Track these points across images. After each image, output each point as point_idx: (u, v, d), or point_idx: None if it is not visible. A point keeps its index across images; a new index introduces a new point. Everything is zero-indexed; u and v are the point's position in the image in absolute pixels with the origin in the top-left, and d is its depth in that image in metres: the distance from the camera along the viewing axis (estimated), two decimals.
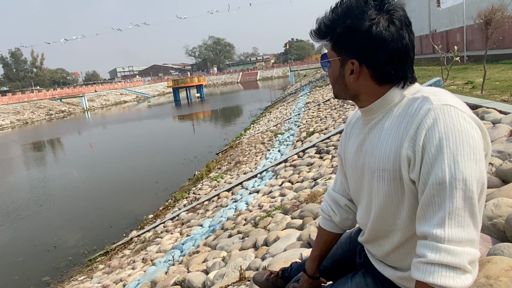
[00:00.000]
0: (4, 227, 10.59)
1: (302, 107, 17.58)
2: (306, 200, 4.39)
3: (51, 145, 27.64)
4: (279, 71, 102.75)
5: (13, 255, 8.71)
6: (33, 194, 13.84)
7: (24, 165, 20.57)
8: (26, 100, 57.35)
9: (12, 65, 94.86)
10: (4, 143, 31.46)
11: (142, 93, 79.53)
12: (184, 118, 34.76)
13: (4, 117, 47.35)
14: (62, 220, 10.90)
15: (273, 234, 3.61)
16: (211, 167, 12.24)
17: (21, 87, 78.85)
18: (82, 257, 8.05)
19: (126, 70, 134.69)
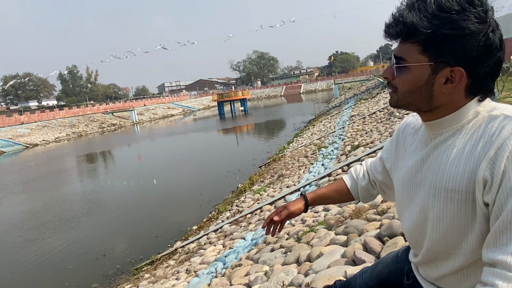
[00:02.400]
0: (57, 235, 11.16)
1: (346, 120, 17.29)
2: (350, 215, 4.27)
3: (103, 157, 29.00)
4: (323, 84, 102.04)
5: (64, 262, 9.14)
6: (84, 204, 14.53)
7: (77, 176, 21.69)
8: (81, 114, 60.85)
9: (69, 81, 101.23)
10: (60, 154, 33.42)
11: (188, 107, 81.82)
12: (228, 131, 35.29)
13: (61, 130, 50.42)
14: (111, 229, 11.34)
15: (317, 250, 3.54)
16: (254, 180, 12.28)
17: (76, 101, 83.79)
18: (129, 266, 8.29)
19: (174, 85, 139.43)
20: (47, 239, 10.84)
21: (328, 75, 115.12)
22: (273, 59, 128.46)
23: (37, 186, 19.19)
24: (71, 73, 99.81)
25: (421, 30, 0.92)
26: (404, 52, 0.98)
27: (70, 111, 61.24)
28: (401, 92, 1.01)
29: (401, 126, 1.28)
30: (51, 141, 45.04)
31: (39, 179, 21.15)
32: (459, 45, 0.90)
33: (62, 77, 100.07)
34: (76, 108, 64.43)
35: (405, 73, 0.99)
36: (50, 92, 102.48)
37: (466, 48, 0.90)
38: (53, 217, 12.84)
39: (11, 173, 24.74)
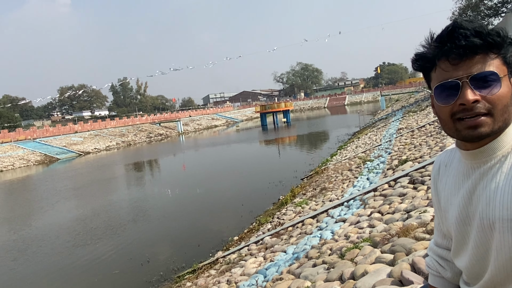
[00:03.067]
0: (104, 241, 11.59)
1: (393, 133, 16.76)
2: (397, 233, 4.09)
3: (149, 166, 29.99)
4: (368, 96, 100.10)
5: (110, 267, 9.45)
6: (130, 211, 15.03)
7: (125, 184, 22.53)
8: (130, 124, 63.52)
9: (120, 92, 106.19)
10: (110, 162, 34.95)
11: (232, 118, 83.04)
12: (270, 142, 35.35)
13: (111, 139, 52.81)
14: (155, 236, 11.62)
15: (361, 268, 3.41)
16: (295, 192, 12.15)
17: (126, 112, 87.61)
18: (172, 273, 8.43)
19: (218, 96, 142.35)
20: (94, 244, 11.29)
21: (374, 87, 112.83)
22: (317, 70, 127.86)
23: (87, 192, 20.13)
24: (122, 85, 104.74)
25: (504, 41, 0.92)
26: (493, 66, 0.93)
27: (120, 121, 64.15)
28: (499, 110, 0.93)
29: (434, 170, 1.20)
30: (102, 150, 47.25)
31: (89, 186, 22.19)
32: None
33: (114, 89, 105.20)
34: (126, 118, 67.41)
35: (499, 88, 0.93)
36: (103, 103, 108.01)
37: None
38: (101, 223, 13.37)
39: (64, 179, 26.16)
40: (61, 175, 29.09)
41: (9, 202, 21.07)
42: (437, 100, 0.99)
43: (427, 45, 1.01)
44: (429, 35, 1.00)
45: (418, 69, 1.04)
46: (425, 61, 1.00)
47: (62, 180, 26.02)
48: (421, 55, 1.01)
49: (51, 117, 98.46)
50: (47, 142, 45.76)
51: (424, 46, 1.01)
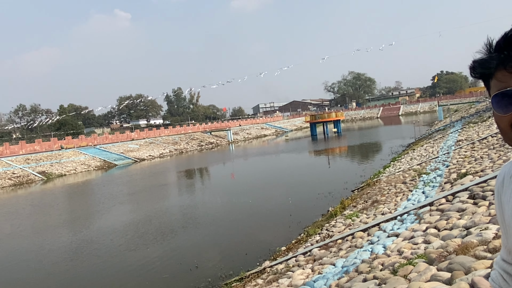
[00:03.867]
0: (155, 246, 11.97)
1: (452, 145, 15.91)
2: (455, 251, 3.84)
3: (200, 173, 30.72)
4: (425, 106, 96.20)
5: (160, 271, 9.73)
6: (181, 217, 15.43)
7: (176, 191, 23.22)
8: (183, 132, 65.64)
9: (174, 102, 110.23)
10: (163, 169, 36.25)
11: (281, 128, 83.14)
12: (319, 152, 34.91)
13: (165, 146, 54.82)
14: (204, 242, 11.82)
15: (415, 285, 3.23)
16: (345, 204, 11.86)
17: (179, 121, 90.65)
18: (219, 280, 8.51)
19: (268, 106, 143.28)
20: (146, 248, 11.69)
21: (431, 96, 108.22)
22: (370, 79, 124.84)
23: (140, 198, 20.97)
24: (176, 95, 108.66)
25: None
26: None
27: (174, 129, 66.51)
28: None
29: (498, 182, 1.12)
30: (156, 157, 49.15)
31: (143, 191, 23.12)
32: None
33: (168, 99, 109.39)
34: (179, 127, 69.73)
35: None
36: (158, 112, 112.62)
37: None
38: (152, 228, 13.84)
39: (120, 185, 27.49)
40: (118, 181, 30.60)
41: (70, 205, 22.47)
42: (495, 109, 0.94)
43: (485, 52, 0.96)
44: (487, 41, 0.95)
45: (476, 77, 1.00)
46: (483, 68, 0.96)
47: (118, 185, 27.35)
48: (478, 62, 0.97)
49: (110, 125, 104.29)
50: (106, 148, 48.42)
51: (482, 53, 0.97)
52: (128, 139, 56.11)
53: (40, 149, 44.79)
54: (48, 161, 40.21)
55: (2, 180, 33.25)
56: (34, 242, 14.02)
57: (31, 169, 36.91)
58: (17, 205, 23.41)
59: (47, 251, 12.60)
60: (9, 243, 14.32)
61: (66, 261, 11.38)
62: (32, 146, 45.08)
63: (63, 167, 39.16)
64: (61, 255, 11.93)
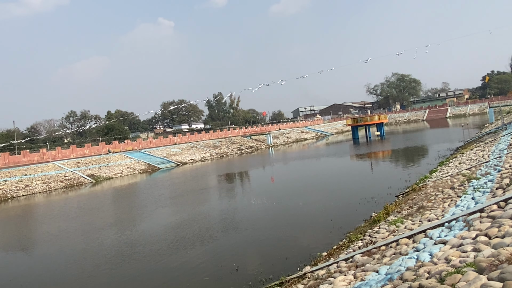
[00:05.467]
0: (196, 249, 12.17)
1: (504, 149, 15.05)
2: (508, 260, 3.63)
3: (240, 177, 30.98)
4: (474, 108, 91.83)
5: (201, 274, 9.87)
6: (221, 221, 15.60)
7: (217, 194, 23.54)
8: (223, 136, 66.63)
9: (215, 107, 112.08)
10: (204, 173, 36.91)
11: (321, 131, 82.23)
12: (362, 157, 34.18)
13: (206, 150, 55.83)
14: (244, 246, 11.89)
15: None
16: (389, 209, 11.52)
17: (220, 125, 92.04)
18: (260, 284, 8.52)
19: (308, 110, 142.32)
20: (187, 251, 11.92)
21: (481, 98, 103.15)
22: (415, 81, 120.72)
23: (182, 201, 21.45)
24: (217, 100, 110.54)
25: None
26: None
27: (214, 133, 67.67)
28: None
29: None
30: (197, 160, 50.17)
31: (184, 195, 23.64)
32: None
33: (209, 103, 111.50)
34: (219, 131, 70.86)
35: None
36: (199, 117, 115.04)
37: None
38: (193, 231, 14.10)
39: (162, 188, 28.28)
40: (161, 184, 31.51)
41: (116, 207, 23.40)
42: None
43: None
44: None
45: None
46: None
47: (161, 188, 28.16)
48: None
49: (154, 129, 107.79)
50: (150, 152, 50.04)
51: None
52: (171, 143, 57.70)
53: (89, 153, 47.08)
54: (97, 164, 42.15)
55: (54, 183, 35.23)
56: (83, 242, 14.71)
57: (81, 172, 38.86)
58: (67, 206, 24.71)
59: (91, 252, 13.17)
60: (61, 242, 15.12)
61: (109, 262, 11.81)
62: (82, 150, 47.49)
63: (110, 171, 40.89)
64: (104, 256, 12.41)
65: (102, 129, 65.04)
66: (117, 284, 10.13)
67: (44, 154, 43.07)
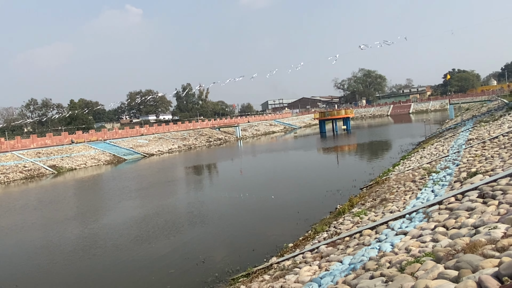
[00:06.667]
0: (161, 241, 12.06)
1: (462, 144, 15.76)
2: (463, 249, 3.83)
3: (208, 169, 30.83)
4: (436, 104, 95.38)
5: (167, 266, 9.78)
6: (187, 213, 15.50)
7: (184, 187, 23.35)
8: (192, 128, 65.92)
9: (183, 98, 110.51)
10: (171, 165, 36.45)
11: (290, 125, 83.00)
12: (328, 150, 34.80)
13: (173, 142, 55.08)
14: (211, 238, 11.89)
15: (422, 283, 3.23)
16: (354, 202, 11.83)
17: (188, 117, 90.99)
18: (226, 275, 8.57)
19: (277, 103, 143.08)
20: (153, 243, 11.79)
21: (442, 95, 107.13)
22: (381, 77, 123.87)
23: (148, 193, 21.13)
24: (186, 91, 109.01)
25: None
26: None
27: (183, 125, 66.80)
28: None
29: None
30: (164, 152, 49.43)
31: (151, 187, 23.29)
32: None
33: (178, 94, 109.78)
34: (188, 122, 70.04)
35: None
36: (167, 108, 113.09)
37: None
38: (160, 224, 13.94)
39: (128, 180, 27.71)
40: (127, 175, 30.86)
41: (79, 199, 22.73)
42: None
43: None
44: None
45: None
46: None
47: (127, 180, 27.58)
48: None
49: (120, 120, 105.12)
50: (116, 143, 48.82)
51: None
52: (138, 134, 56.50)
53: (51, 143, 45.34)
54: (59, 155, 40.69)
55: (13, 174, 33.75)
56: (41, 236, 14.23)
57: (42, 162, 37.40)
58: (26, 198, 23.76)
59: (54, 245, 12.77)
60: (17, 237, 14.54)
61: (68, 258, 11.49)
62: (43, 140, 45.67)
63: (74, 161, 39.60)
64: (63, 252, 12.04)
65: (65, 118, 62.72)
66: (76, 280, 9.81)
67: (2, 143, 41.08)
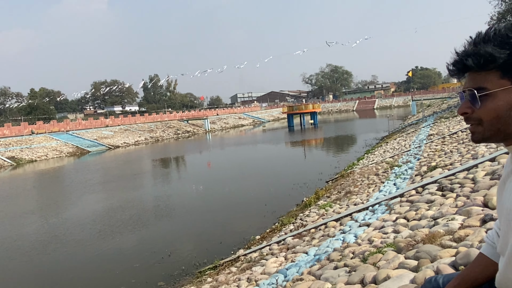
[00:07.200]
0: (126, 235, 11.83)
1: (423, 139, 16.35)
2: (423, 240, 3.99)
3: (176, 162, 30.47)
4: (399, 100, 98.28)
5: (131, 260, 9.60)
6: (154, 206, 15.28)
7: (150, 180, 22.97)
8: (159, 120, 64.74)
9: (150, 89, 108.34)
10: (138, 157, 35.74)
11: (258, 118, 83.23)
12: (296, 144, 35.21)
13: (140, 134, 53.97)
14: (178, 232, 11.79)
15: (383, 272, 3.35)
16: (320, 194, 12.06)
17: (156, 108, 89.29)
18: (193, 268, 8.53)
19: (246, 96, 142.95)
20: (117, 237, 11.54)
21: (405, 91, 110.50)
22: (347, 73, 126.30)
23: (113, 186, 20.64)
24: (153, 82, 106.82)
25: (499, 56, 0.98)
26: (483, 81, 1.01)
27: (150, 117, 65.48)
28: (488, 121, 1.02)
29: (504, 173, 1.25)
30: (131, 144, 48.36)
31: (116, 180, 22.76)
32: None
33: (145, 85, 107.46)
34: (155, 114, 68.71)
35: (489, 101, 1.01)
36: (133, 99, 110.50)
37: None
38: (125, 217, 13.66)
39: (93, 172, 26.95)
40: (90, 168, 29.99)
41: (40, 192, 21.90)
42: None
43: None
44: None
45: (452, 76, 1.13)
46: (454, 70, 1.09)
47: (91, 172, 26.81)
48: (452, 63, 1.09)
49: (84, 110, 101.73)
50: (79, 134, 47.26)
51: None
52: (102, 126, 54.89)
53: (10, 134, 43.26)
54: (18, 146, 38.95)
55: None
56: None
57: None
58: None
59: (10, 241, 12.25)
60: None
61: (31, 251, 11.07)
62: (1, 131, 43.50)
63: (34, 153, 38.02)
64: (25, 245, 11.57)
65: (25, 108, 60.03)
66: (35, 276, 9.46)
67: None
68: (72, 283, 8.87)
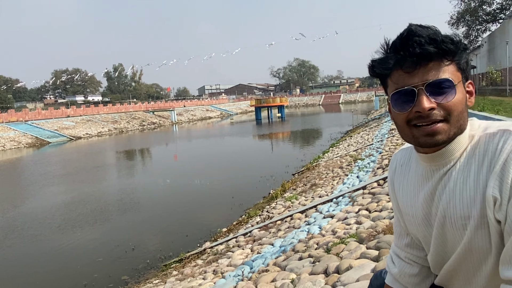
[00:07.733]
0: (88, 228, 11.53)
1: (385, 134, 16.87)
2: (384, 230, 4.15)
3: (141, 154, 29.87)
4: (363, 95, 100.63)
5: (94, 255, 9.36)
6: (118, 199, 14.93)
7: (114, 172, 22.41)
8: (124, 111, 63.10)
9: (114, 79, 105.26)
10: (101, 149, 34.75)
11: (226, 111, 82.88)
12: (263, 137, 35.38)
13: (103, 125, 52.43)
14: (143, 225, 11.60)
15: (346, 262, 3.46)
16: (286, 187, 12.22)
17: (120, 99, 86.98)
18: (158, 262, 8.45)
19: (214, 88, 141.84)
20: (79, 231, 11.22)
21: (369, 87, 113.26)
22: (314, 67, 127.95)
23: (75, 178, 19.98)
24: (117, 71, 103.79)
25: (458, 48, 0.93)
26: (448, 73, 0.93)
27: (114, 107, 63.71)
28: (455, 116, 0.93)
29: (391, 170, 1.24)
30: (93, 135, 46.93)
31: (78, 172, 22.05)
32: (468, 60, 0.97)
33: (108, 75, 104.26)
34: (119, 105, 66.96)
35: (454, 94, 0.93)
36: (96, 88, 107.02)
37: (468, 61, 0.97)
38: (87, 211, 13.29)
39: (53, 164, 25.97)
40: (51, 159, 28.88)
41: None
42: (393, 107, 1.00)
43: (382, 52, 0.99)
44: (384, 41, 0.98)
45: (375, 76, 1.04)
46: (381, 68, 0.99)
47: (51, 164, 25.83)
48: (377, 61, 1.00)
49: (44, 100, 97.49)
50: (39, 125, 45.31)
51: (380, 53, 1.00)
52: (63, 116, 52.86)
53: None
54: None
55: None
56: None
57: None
58: None
59: None
60: None
61: None
62: None
63: None
64: None
65: None
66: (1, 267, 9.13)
67: None
68: (30, 279, 8.55)
